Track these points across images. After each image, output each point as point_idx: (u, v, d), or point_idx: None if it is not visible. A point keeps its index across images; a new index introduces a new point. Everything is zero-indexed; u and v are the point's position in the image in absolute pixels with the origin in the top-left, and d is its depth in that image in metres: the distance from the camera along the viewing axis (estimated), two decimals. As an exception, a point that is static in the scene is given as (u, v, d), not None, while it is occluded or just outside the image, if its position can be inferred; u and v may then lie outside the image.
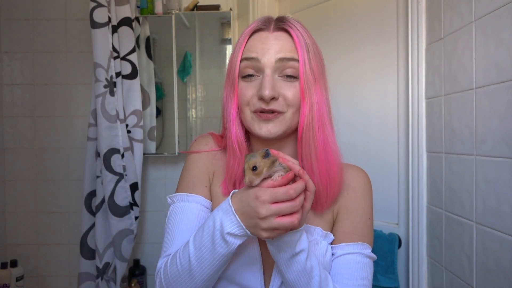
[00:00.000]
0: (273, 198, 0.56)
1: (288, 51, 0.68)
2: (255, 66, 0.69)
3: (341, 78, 1.54)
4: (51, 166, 1.97)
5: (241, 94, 0.70)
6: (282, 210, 0.56)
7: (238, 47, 0.72)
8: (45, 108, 1.96)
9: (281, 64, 0.68)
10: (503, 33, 0.83)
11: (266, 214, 0.56)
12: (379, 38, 1.40)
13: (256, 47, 0.69)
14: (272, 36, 0.70)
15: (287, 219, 0.56)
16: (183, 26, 1.90)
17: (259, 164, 0.58)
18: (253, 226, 0.58)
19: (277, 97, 0.68)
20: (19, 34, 1.94)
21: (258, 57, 0.68)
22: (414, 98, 1.23)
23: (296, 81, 0.69)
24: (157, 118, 1.90)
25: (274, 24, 0.71)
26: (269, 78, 0.67)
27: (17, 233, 1.97)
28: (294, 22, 0.71)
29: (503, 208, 0.83)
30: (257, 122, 0.70)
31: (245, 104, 0.70)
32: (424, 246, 1.21)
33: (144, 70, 1.85)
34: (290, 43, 0.69)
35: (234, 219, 0.59)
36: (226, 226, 0.59)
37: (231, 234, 0.59)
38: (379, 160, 1.41)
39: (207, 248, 0.61)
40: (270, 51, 0.68)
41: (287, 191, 0.56)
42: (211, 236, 0.61)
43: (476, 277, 0.94)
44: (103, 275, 1.68)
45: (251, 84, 0.70)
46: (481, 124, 0.91)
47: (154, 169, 2.01)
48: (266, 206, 0.56)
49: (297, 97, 0.69)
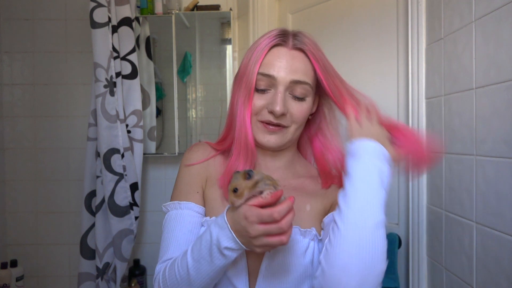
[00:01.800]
0: (259, 220, 0.58)
1: (303, 73, 0.73)
2: (269, 82, 0.73)
3: (341, 78, 1.54)
4: (51, 166, 1.97)
5: (253, 104, 0.75)
6: (269, 231, 0.58)
7: (255, 58, 0.74)
8: (45, 108, 1.96)
9: (294, 84, 0.73)
10: (503, 33, 0.83)
11: (256, 234, 0.58)
12: (379, 38, 1.40)
13: (274, 64, 0.73)
14: (290, 54, 0.74)
15: (276, 238, 0.59)
16: (183, 26, 1.90)
17: (240, 186, 0.60)
18: (246, 242, 0.61)
19: (286, 113, 0.73)
20: (19, 34, 1.94)
21: (275, 75, 0.72)
22: (414, 98, 1.23)
23: (303, 101, 0.75)
24: (157, 118, 1.90)
25: (292, 41, 0.74)
26: (281, 95, 0.72)
27: (17, 233, 1.97)
28: (312, 45, 0.75)
29: (503, 208, 0.83)
30: (261, 131, 0.75)
31: (254, 114, 0.75)
32: (424, 246, 1.21)
33: (144, 70, 1.85)
34: (306, 64, 0.74)
35: (230, 235, 0.61)
36: (222, 241, 0.62)
37: (228, 248, 0.62)
38: (379, 160, 1.41)
39: (205, 260, 0.64)
40: (287, 70, 0.72)
41: (271, 214, 0.57)
42: (209, 250, 0.64)
43: (476, 277, 0.94)
44: (103, 275, 1.68)
45: (263, 96, 0.74)
46: (481, 124, 0.91)
47: (154, 169, 2.01)
48: (255, 226, 0.58)
49: (302, 115, 0.75)
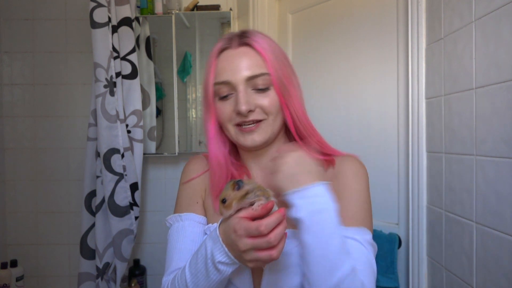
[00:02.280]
0: (247, 233, 0.55)
1: (256, 66, 0.71)
2: (229, 87, 0.72)
3: (341, 78, 1.54)
4: (51, 166, 1.97)
5: (221, 113, 0.74)
6: (258, 245, 0.55)
7: (208, 70, 0.75)
8: (45, 108, 1.96)
9: (252, 80, 0.71)
10: (503, 33, 0.83)
11: (245, 249, 0.56)
12: (379, 38, 1.40)
13: (225, 69, 0.72)
14: (237, 53, 0.72)
15: (265, 253, 0.55)
16: (183, 26, 1.90)
17: (228, 197, 0.58)
18: (238, 256, 0.59)
19: (254, 109, 0.71)
20: (19, 34, 1.94)
21: (229, 79, 0.71)
22: (414, 98, 1.23)
23: (269, 90, 0.72)
24: (157, 118, 1.90)
25: (237, 40, 0.73)
26: (242, 94, 0.70)
27: (17, 233, 1.97)
28: (256, 36, 0.73)
29: (503, 208, 0.83)
30: (241, 135, 0.74)
31: (227, 121, 0.74)
32: (424, 246, 1.21)
33: (144, 70, 1.85)
34: (256, 57, 0.72)
35: (222, 249, 0.60)
36: (216, 256, 0.60)
37: (222, 262, 0.60)
38: (379, 160, 1.41)
39: (201, 274, 0.63)
40: (239, 70, 0.71)
41: (258, 227, 0.54)
42: (205, 264, 0.63)
43: (476, 277, 0.94)
44: (103, 275, 1.68)
45: (228, 102, 0.73)
46: (481, 124, 0.91)
47: (154, 169, 2.01)
48: (243, 240, 0.56)
49: (273, 105, 0.72)
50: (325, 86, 1.60)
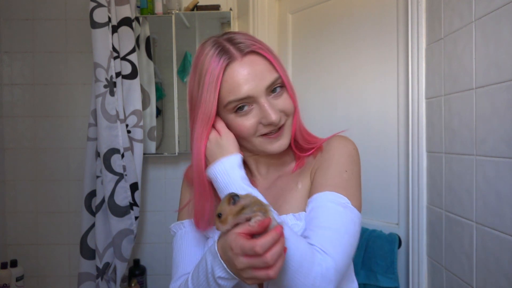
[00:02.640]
0: (243, 252, 0.53)
1: (268, 73, 0.70)
2: (247, 101, 0.69)
3: (341, 78, 1.54)
4: (51, 166, 1.97)
5: (243, 128, 0.71)
6: (254, 264, 0.53)
7: (211, 85, 0.68)
8: (45, 108, 1.96)
9: (269, 88, 0.70)
10: (503, 33, 0.83)
11: (241, 267, 0.54)
12: (379, 38, 1.40)
13: (239, 84, 0.68)
14: (245, 63, 0.69)
15: (262, 272, 0.53)
16: (183, 26, 1.90)
17: (223, 212, 0.56)
18: (236, 274, 0.57)
19: (280, 115, 0.71)
20: (19, 34, 1.94)
21: (249, 94, 0.68)
22: (414, 98, 1.23)
23: (284, 91, 0.73)
24: (157, 118, 1.90)
25: (235, 51, 0.69)
26: (268, 105, 0.69)
27: (17, 233, 1.97)
28: (251, 40, 0.71)
29: (503, 208, 0.83)
30: (268, 142, 0.73)
31: (251, 135, 0.71)
32: (424, 246, 1.21)
33: (144, 70, 1.85)
34: (263, 63, 0.70)
35: (221, 265, 0.58)
36: (216, 271, 0.59)
37: (222, 278, 0.59)
38: (379, 160, 1.41)
39: (203, 287, 0.63)
40: (256, 82, 0.68)
41: (253, 247, 0.52)
42: (206, 278, 0.62)
43: (476, 277, 0.94)
44: (103, 275, 1.68)
45: (249, 117, 0.70)
46: (481, 124, 0.91)
47: (154, 169, 2.01)
48: (239, 259, 0.54)
49: (290, 105, 0.73)
50: (325, 86, 1.60)
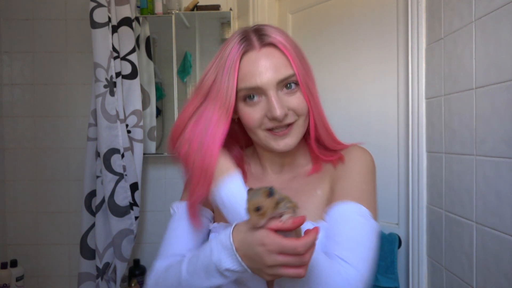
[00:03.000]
0: (281, 250, 0.52)
1: (283, 68, 0.69)
2: (257, 92, 0.70)
3: (341, 78, 1.54)
4: (51, 166, 1.97)
5: (250, 118, 0.71)
6: (289, 263, 0.52)
7: (228, 72, 0.68)
8: (45, 108, 1.96)
9: (282, 82, 0.69)
10: (503, 33, 0.83)
11: (272, 264, 0.52)
12: (379, 38, 1.40)
13: (252, 73, 0.68)
14: (262, 54, 0.69)
15: (293, 271, 0.52)
16: (183, 26, 1.90)
17: (262, 205, 0.53)
18: (257, 269, 0.55)
19: (287, 112, 0.69)
20: (19, 34, 1.94)
21: (258, 84, 0.68)
22: (414, 98, 1.23)
23: (297, 89, 0.71)
24: (157, 118, 1.90)
25: (256, 41, 0.70)
26: (275, 98, 0.68)
27: (17, 233, 1.97)
28: (276, 34, 0.70)
29: (503, 208, 0.83)
30: (273, 139, 0.71)
31: (257, 127, 0.71)
32: (424, 246, 1.21)
33: (144, 70, 1.85)
34: (281, 58, 0.70)
35: (235, 258, 0.56)
36: (224, 263, 0.56)
37: (230, 270, 0.57)
38: (379, 160, 1.40)
39: (198, 277, 0.60)
40: (268, 73, 0.68)
41: (296, 248, 0.51)
42: (205, 268, 0.59)
43: (476, 277, 0.94)
44: (103, 275, 1.68)
45: (256, 108, 0.70)
46: (481, 124, 0.91)
47: (154, 169, 2.01)
48: (273, 256, 0.52)
49: (303, 105, 0.71)
50: (325, 86, 1.60)
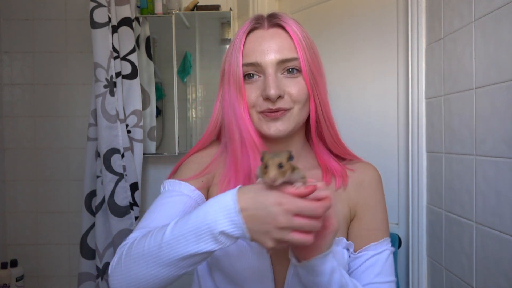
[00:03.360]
0: (298, 210, 0.49)
1: (287, 50, 0.68)
2: (256, 70, 0.69)
3: (341, 78, 1.54)
4: (51, 166, 1.97)
5: (247, 97, 0.70)
6: (303, 226, 0.50)
7: (236, 50, 0.70)
8: (45, 108, 1.96)
9: (283, 64, 0.68)
10: (503, 33, 0.83)
11: (285, 225, 0.49)
12: (379, 38, 1.40)
13: (254, 50, 0.69)
14: (268, 34, 0.70)
15: (303, 236, 0.50)
16: (183, 26, 1.90)
17: (284, 163, 0.51)
18: (262, 232, 0.50)
19: (283, 95, 0.68)
20: (19, 34, 1.94)
21: (258, 61, 0.68)
22: (414, 98, 1.23)
23: (300, 76, 0.70)
24: (157, 118, 1.90)
25: (267, 21, 0.71)
26: (272, 78, 0.67)
27: (17, 233, 1.97)
28: (287, 18, 0.71)
29: (503, 208, 0.83)
30: (265, 122, 0.70)
31: (251, 107, 0.70)
32: (424, 246, 1.21)
33: (144, 70, 1.85)
34: (287, 40, 0.69)
35: (235, 219, 0.51)
36: (221, 224, 0.51)
37: (226, 234, 0.51)
38: (379, 160, 1.40)
39: (185, 239, 0.53)
40: (270, 52, 0.68)
41: (316, 208, 0.49)
42: (196, 230, 0.52)
43: (476, 277, 0.94)
44: (103, 275, 1.68)
45: (253, 86, 0.70)
46: (481, 124, 0.91)
47: (154, 169, 2.01)
48: (289, 217, 0.49)
49: (302, 93, 0.69)
50: (325, 86, 1.60)
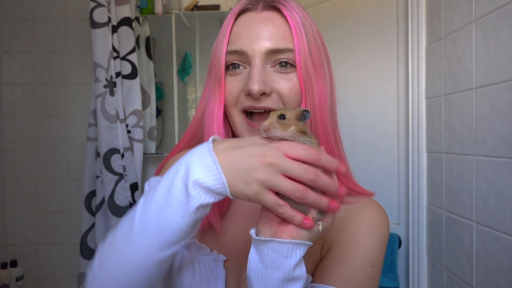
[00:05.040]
0: (285, 169, 0.40)
1: (280, 38, 0.55)
2: (241, 59, 0.56)
3: (341, 78, 1.54)
4: (51, 166, 1.97)
5: (227, 92, 0.57)
6: (294, 168, 0.40)
7: (222, 35, 0.58)
8: (45, 108, 1.96)
9: (273, 55, 0.55)
10: (503, 33, 0.83)
11: (272, 160, 0.40)
12: (379, 38, 1.40)
13: (241, 35, 0.56)
14: (261, 17, 0.56)
15: (292, 185, 0.40)
16: (183, 26, 1.90)
17: (289, 117, 0.43)
18: (244, 175, 0.41)
19: (269, 92, 0.54)
20: (19, 34, 1.94)
21: (243, 48, 0.55)
22: (414, 98, 1.23)
23: (293, 71, 0.56)
24: (157, 118, 1.90)
25: (263, 2, 0.58)
26: (258, 69, 0.54)
27: (17, 233, 1.97)
28: (288, 1, 0.58)
29: (503, 208, 0.83)
30: (247, 130, 0.57)
31: (232, 104, 0.57)
32: (424, 246, 1.21)
33: (144, 70, 1.85)
34: (283, 26, 0.56)
35: (210, 163, 0.41)
36: (194, 172, 0.41)
37: (200, 184, 0.41)
38: (379, 160, 1.41)
39: (157, 204, 0.43)
40: (259, 39, 0.55)
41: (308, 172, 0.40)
42: (169, 186, 0.43)
43: (476, 277, 0.94)
44: (103, 275, 1.68)
45: (237, 78, 0.56)
46: (481, 124, 0.91)
47: (154, 169, 2.01)
48: (277, 152, 0.41)
49: (294, 92, 0.55)
50: (325, 86, 1.60)
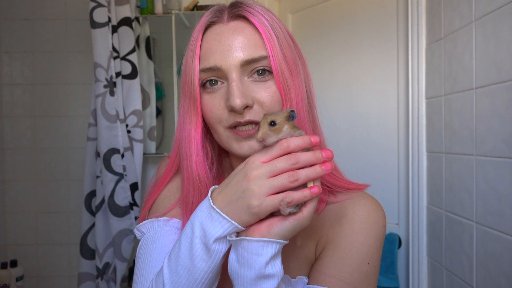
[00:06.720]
0: (271, 170, 0.45)
1: (252, 47, 0.54)
2: (217, 75, 0.56)
3: (341, 78, 1.54)
4: (51, 166, 1.97)
5: (208, 110, 0.56)
6: (275, 164, 0.45)
7: (191, 52, 0.58)
8: (45, 108, 1.96)
9: (249, 65, 0.55)
10: (503, 33, 0.83)
11: (255, 172, 0.45)
12: (379, 38, 1.40)
13: (212, 50, 0.55)
14: (228, 29, 0.56)
15: (283, 175, 0.45)
16: (183, 26, 1.90)
17: (279, 122, 0.46)
18: (242, 202, 0.45)
19: (251, 104, 0.54)
20: (19, 34, 1.94)
21: (217, 64, 0.54)
22: (414, 98, 1.23)
23: (271, 78, 0.55)
24: (157, 118, 1.90)
25: (227, 12, 0.58)
26: (236, 83, 0.53)
27: (17, 233, 1.97)
28: (253, 6, 0.57)
29: (503, 208, 0.83)
30: (235, 140, 0.56)
31: (217, 122, 0.56)
32: (424, 246, 1.21)
33: (144, 70, 1.85)
34: (253, 34, 0.55)
35: (216, 216, 0.46)
36: (210, 230, 0.46)
37: (216, 239, 0.46)
38: (379, 160, 1.41)
39: (184, 266, 0.47)
40: (231, 52, 0.54)
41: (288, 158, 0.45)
42: (189, 250, 0.47)
43: (476, 277, 0.94)
44: (103, 275, 1.68)
45: (216, 96, 0.56)
46: (481, 124, 0.91)
47: (154, 169, 2.01)
48: (255, 163, 0.46)
49: (276, 99, 0.55)
50: (325, 86, 1.60)
